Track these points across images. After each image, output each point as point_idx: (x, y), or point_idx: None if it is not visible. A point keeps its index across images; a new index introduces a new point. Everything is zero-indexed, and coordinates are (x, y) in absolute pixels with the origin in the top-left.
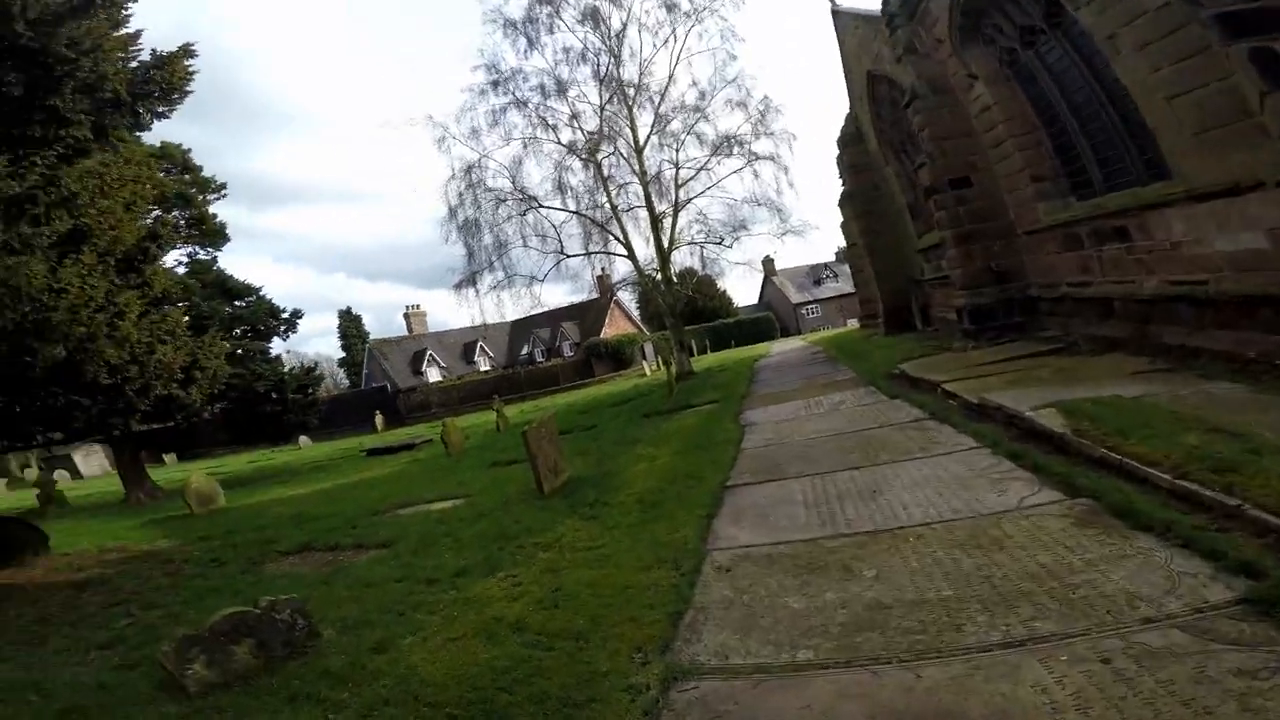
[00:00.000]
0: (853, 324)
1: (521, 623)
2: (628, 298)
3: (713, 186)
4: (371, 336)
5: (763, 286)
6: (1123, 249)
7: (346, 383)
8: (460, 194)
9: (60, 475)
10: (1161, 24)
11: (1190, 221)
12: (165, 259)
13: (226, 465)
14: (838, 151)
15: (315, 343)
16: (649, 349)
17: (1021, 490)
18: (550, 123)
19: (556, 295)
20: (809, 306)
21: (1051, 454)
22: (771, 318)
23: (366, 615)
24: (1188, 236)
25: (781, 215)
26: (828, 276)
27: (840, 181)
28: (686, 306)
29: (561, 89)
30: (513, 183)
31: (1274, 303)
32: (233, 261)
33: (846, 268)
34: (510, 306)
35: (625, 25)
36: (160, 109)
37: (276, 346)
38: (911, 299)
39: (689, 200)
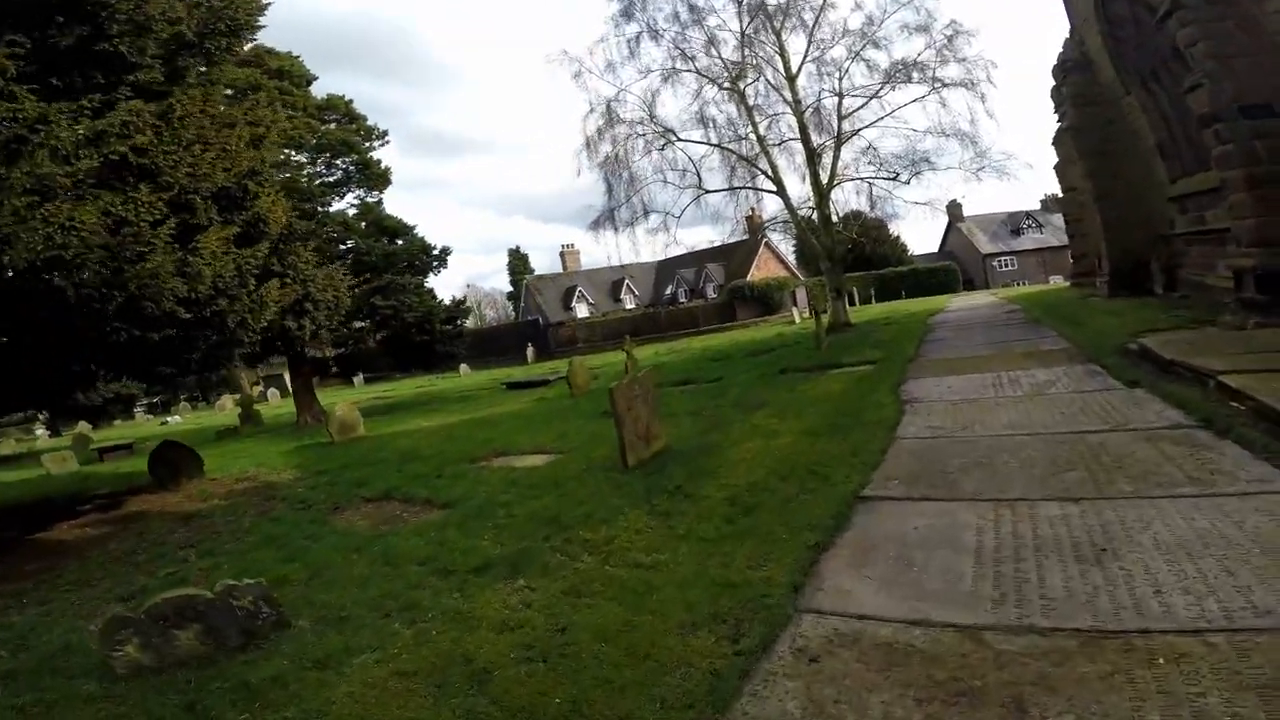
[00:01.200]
0: (1056, 281)
1: (483, 676)
2: (780, 239)
3: (885, 116)
4: (533, 274)
5: (946, 233)
6: None
7: (513, 316)
8: (599, 129)
9: (272, 394)
10: None
11: None
12: (335, 201)
13: (398, 389)
14: (1054, 83)
15: (495, 279)
16: (801, 294)
17: None
18: (689, 54)
19: (698, 236)
20: (1003, 258)
21: None
22: (954, 268)
23: (354, 609)
24: None
25: (977, 148)
26: (1029, 226)
27: (1057, 116)
28: (850, 251)
29: (698, 18)
30: (650, 116)
31: None
32: (419, 207)
33: (1056, 218)
34: (646, 246)
35: None
36: (230, 44)
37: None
38: (1152, 257)
39: (855, 132)
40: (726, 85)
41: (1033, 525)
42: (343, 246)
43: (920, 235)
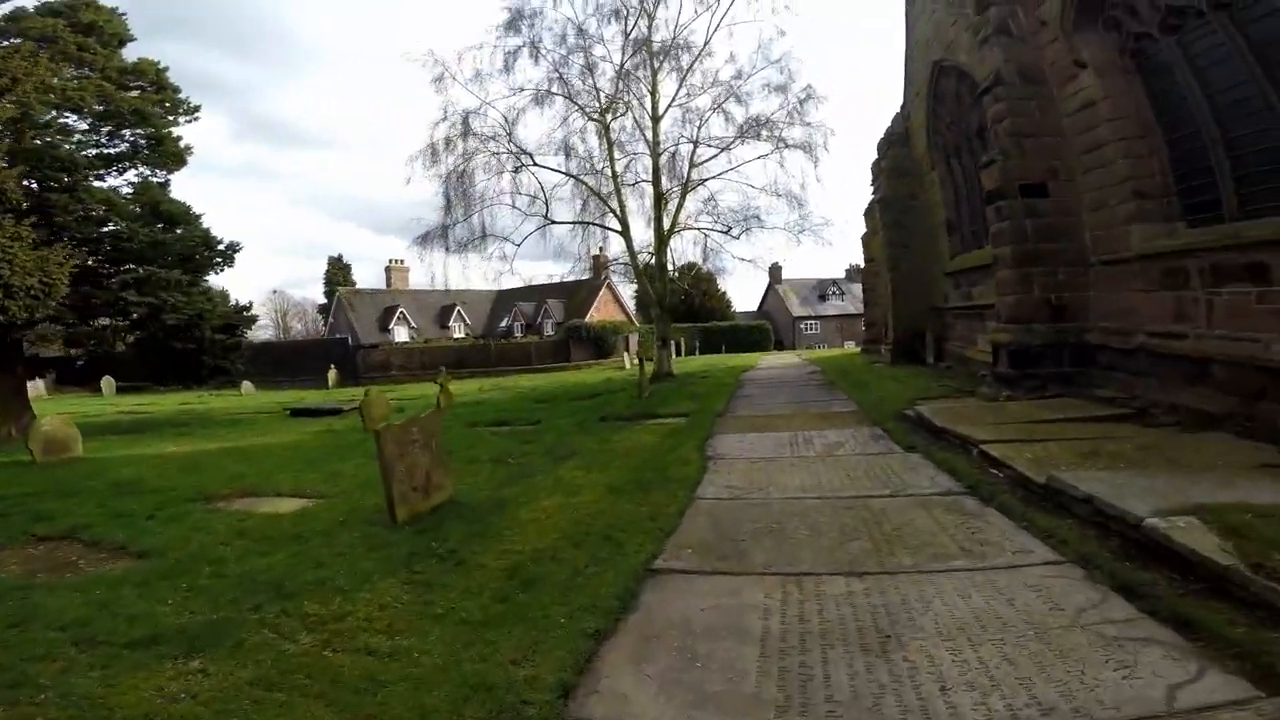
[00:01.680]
0: (850, 346)
1: None
2: (622, 283)
3: (731, 170)
4: (348, 287)
5: (765, 294)
6: (1253, 294)
7: (323, 331)
8: (448, 139)
9: None
10: None
11: None
12: (110, 177)
13: (159, 404)
14: (876, 156)
15: (312, 288)
16: (634, 340)
17: (1166, 669)
18: (566, 78)
19: (539, 269)
20: (809, 322)
21: (1203, 595)
22: (769, 328)
23: None
24: None
25: (802, 210)
26: (834, 293)
27: (873, 189)
28: (682, 302)
29: (585, 43)
30: (509, 135)
31: None
32: (238, 199)
33: (856, 287)
34: (478, 271)
35: None
36: None
37: (244, 286)
38: (926, 328)
39: (702, 181)
40: (595, 116)
41: (819, 605)
42: (104, 229)
43: (744, 293)
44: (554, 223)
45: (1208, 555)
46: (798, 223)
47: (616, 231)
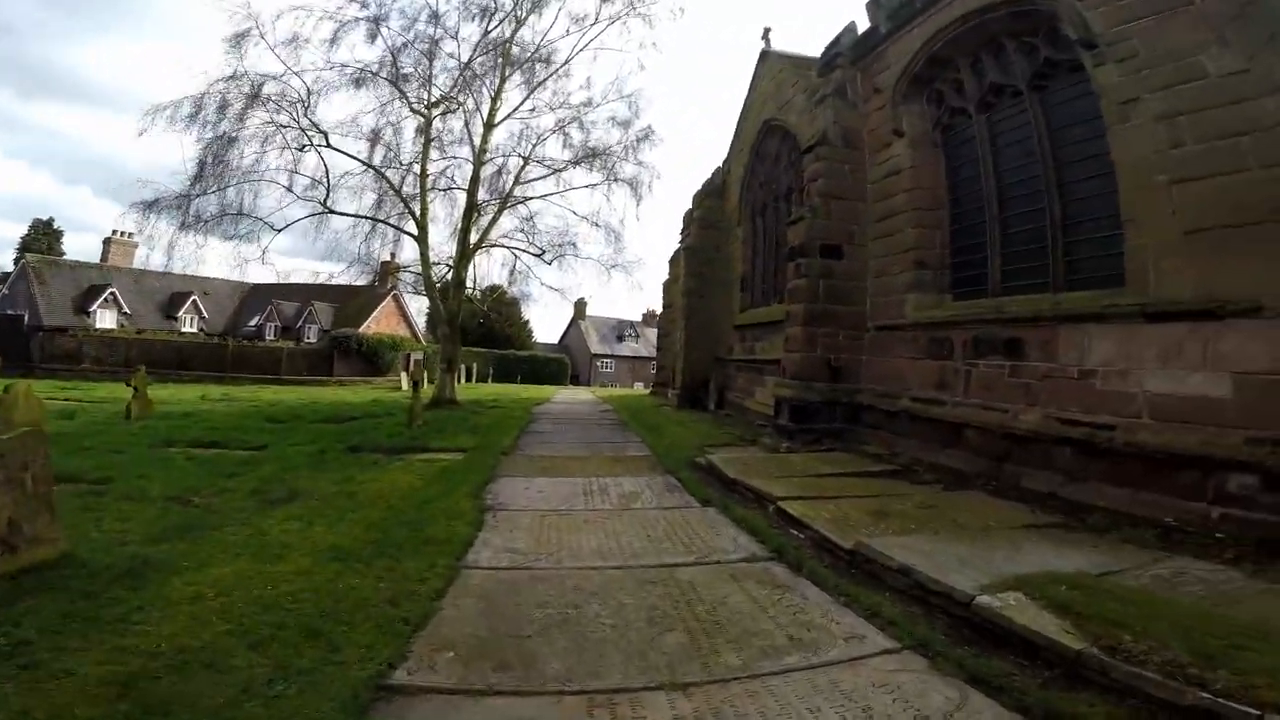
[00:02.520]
0: (639, 387)
1: None
2: (413, 295)
3: (558, 194)
4: (42, 255)
5: (568, 328)
6: (1006, 368)
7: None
8: (224, 99)
9: None
10: (1212, 94)
11: (1126, 346)
12: None
13: None
14: (691, 205)
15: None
16: (415, 359)
17: None
18: (400, 65)
19: (315, 268)
20: (606, 360)
21: (1063, 684)
22: (567, 362)
23: None
24: (1112, 366)
25: (619, 245)
26: (630, 335)
27: (681, 237)
28: (480, 325)
29: (436, 35)
30: (306, 108)
31: (1203, 464)
32: None
33: (650, 331)
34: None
35: None
36: None
37: None
38: (711, 377)
39: (524, 200)
40: (420, 108)
41: None
42: None
43: (547, 324)
44: (333, 212)
45: (1054, 638)
46: (613, 257)
47: (412, 236)
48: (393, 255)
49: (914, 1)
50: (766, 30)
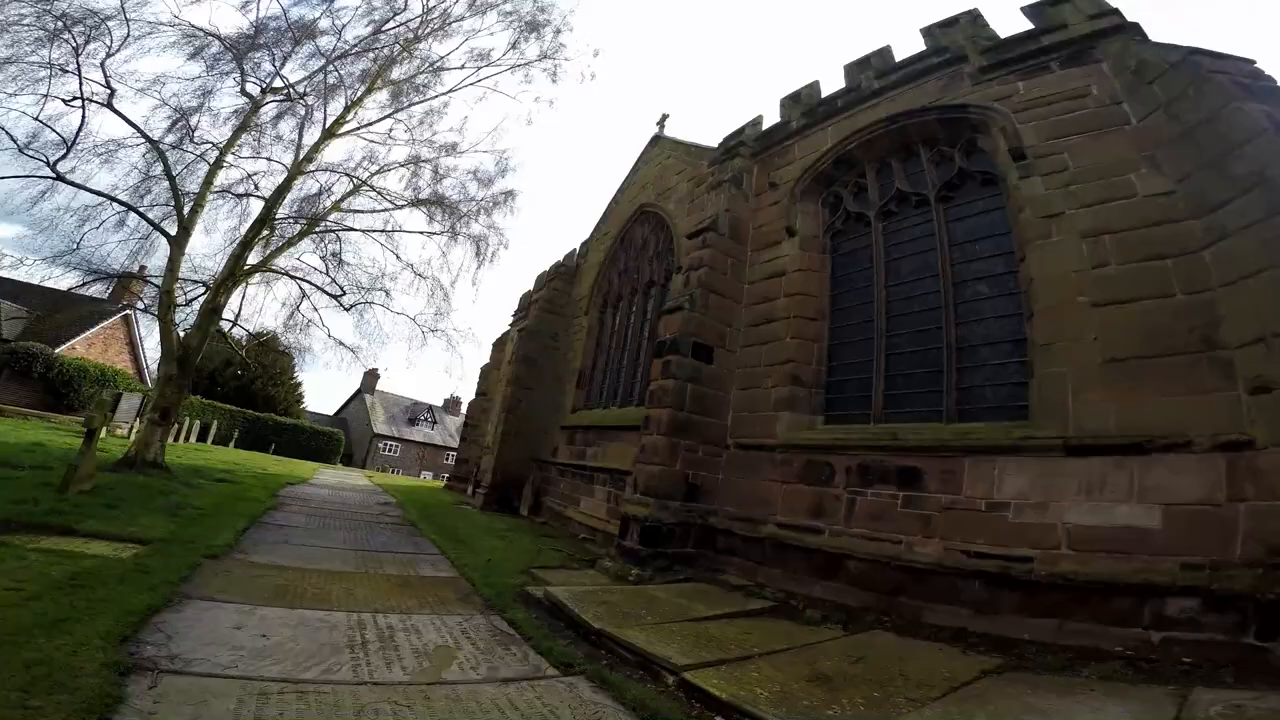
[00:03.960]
0: (427, 478)
1: None
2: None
3: (384, 232)
4: None
5: (350, 400)
6: (900, 498)
7: None
8: None
9: None
10: (1139, 214)
11: (1045, 479)
12: None
13: None
14: (533, 287)
15: None
16: (131, 404)
17: None
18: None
19: None
20: (391, 443)
21: None
22: (341, 438)
23: None
24: (1026, 499)
25: (445, 308)
26: (425, 420)
27: (514, 318)
28: (238, 377)
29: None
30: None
31: (1139, 592)
32: None
33: (449, 419)
34: None
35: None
36: None
37: None
38: (529, 478)
39: (340, 229)
40: (260, 84)
41: None
42: None
43: (325, 394)
44: (66, 181)
45: None
46: (433, 320)
47: (166, 235)
48: (142, 268)
49: (835, 100)
50: (664, 116)
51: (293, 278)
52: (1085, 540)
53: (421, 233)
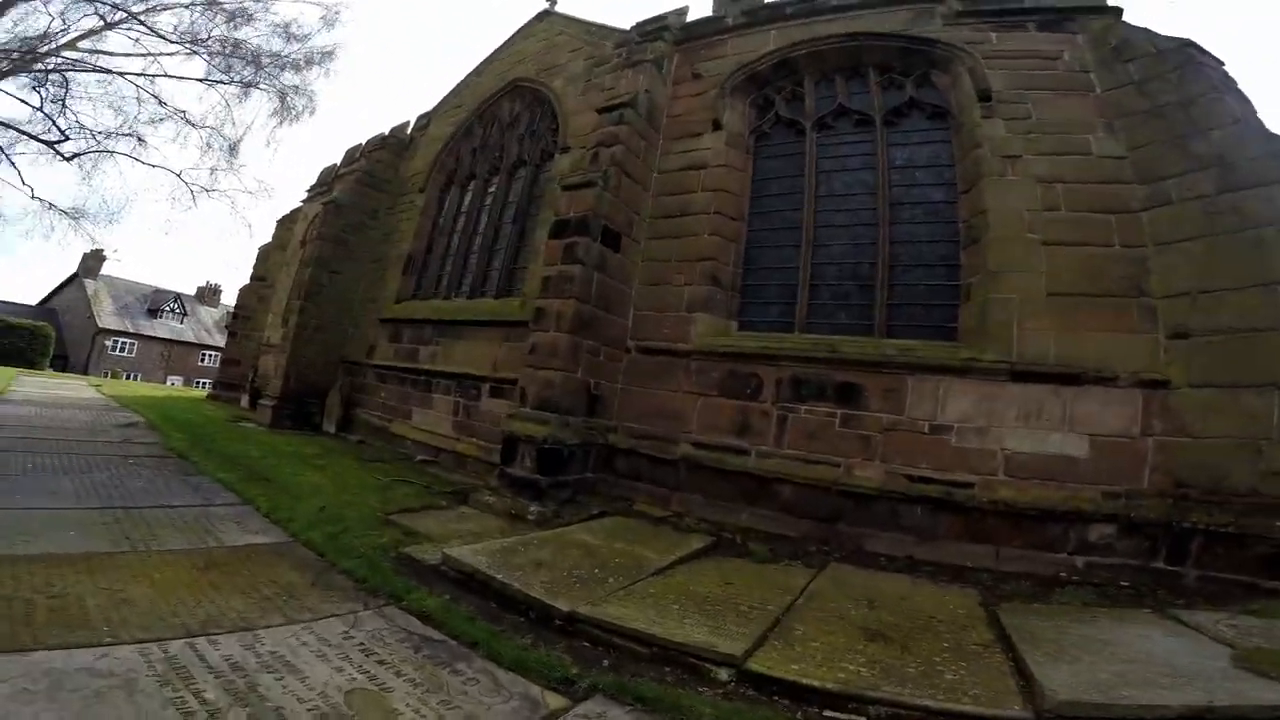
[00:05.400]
0: (175, 384)
1: None
2: None
3: (141, 76)
4: None
5: (63, 285)
6: (838, 416)
7: None
8: None
9: None
10: (1091, 171)
11: (988, 404)
12: None
13: None
14: (342, 161)
15: None
16: None
17: None
18: None
19: None
20: (123, 340)
21: None
22: (50, 334)
23: None
24: (969, 422)
25: (230, 163)
26: (171, 311)
27: (311, 193)
28: None
29: None
30: None
31: (1067, 518)
32: None
33: (204, 312)
34: None
35: None
36: None
37: None
38: (336, 385)
39: (70, 66)
40: None
41: None
42: None
43: (24, 279)
44: None
45: None
46: (210, 180)
47: None
48: None
49: (785, 6)
50: None
51: None
52: (1021, 467)
53: (202, 80)
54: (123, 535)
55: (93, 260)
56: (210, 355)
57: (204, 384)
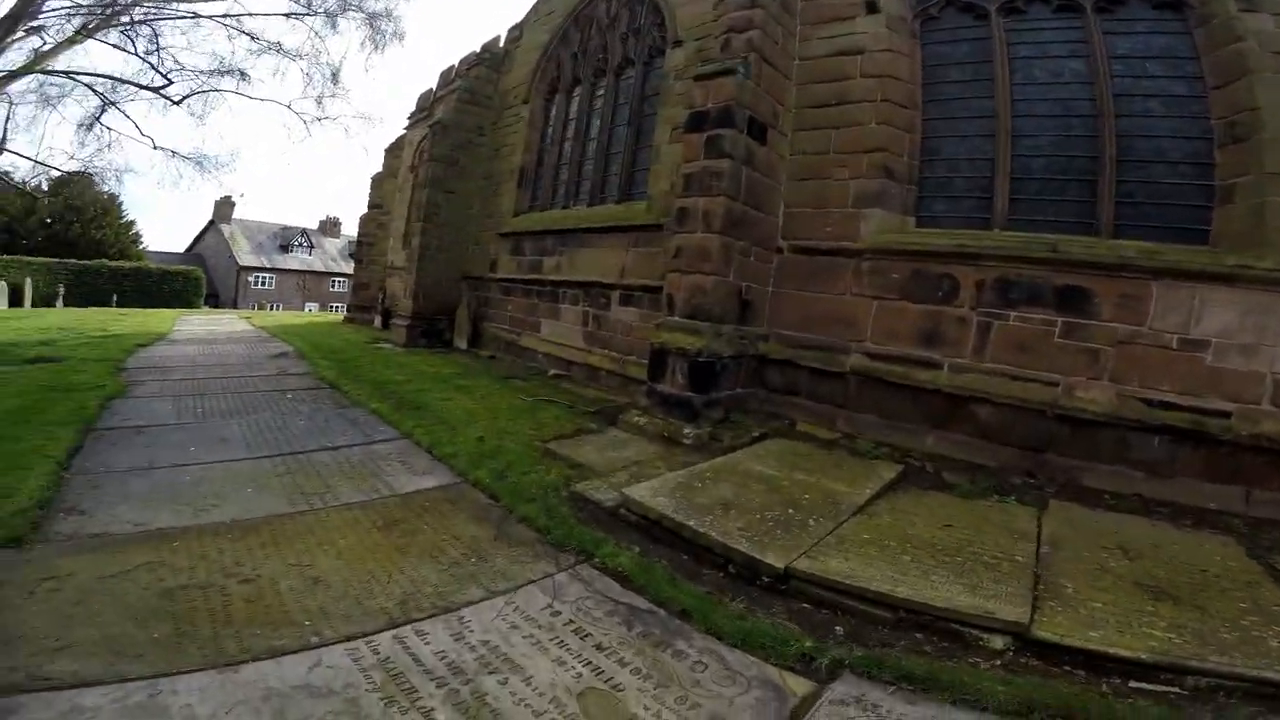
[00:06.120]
0: (313, 310)
1: None
2: None
3: (227, 17)
4: None
5: (202, 233)
6: (1058, 325)
7: None
8: None
9: None
10: None
11: (1258, 317)
12: None
13: None
14: (439, 84)
15: None
16: None
17: None
18: None
19: None
20: (263, 275)
21: None
22: (201, 276)
23: None
24: (1231, 339)
25: (333, 90)
26: (300, 245)
27: (413, 119)
28: (45, 225)
29: None
30: None
31: None
32: None
33: (329, 242)
34: None
35: None
36: None
37: None
38: (462, 302)
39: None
40: None
41: None
42: None
43: (166, 229)
44: None
45: None
46: (317, 109)
47: None
48: None
49: None
50: None
51: (72, 77)
52: None
53: (287, 14)
54: (298, 489)
55: (225, 207)
56: (339, 281)
57: (338, 308)
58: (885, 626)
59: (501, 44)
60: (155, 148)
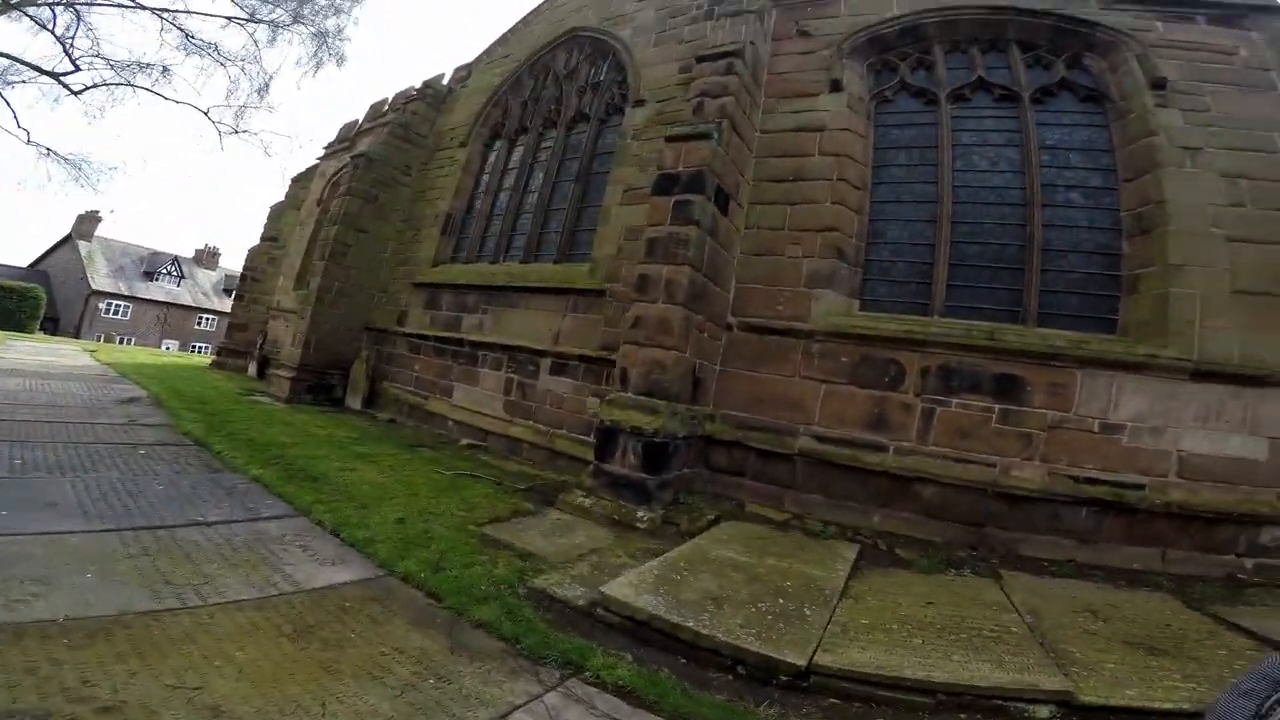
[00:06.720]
0: (171, 348)
1: None
2: None
3: (166, 11)
4: None
5: (55, 247)
6: (995, 412)
7: None
8: None
9: None
10: (1277, 169)
11: (1165, 402)
12: None
13: None
14: (365, 116)
15: None
16: None
17: None
18: None
19: None
20: (117, 304)
21: None
22: (41, 297)
23: None
24: (1143, 422)
25: (260, 100)
26: (168, 274)
27: (329, 149)
28: None
29: None
30: None
31: (1240, 521)
32: None
33: (201, 275)
34: None
35: None
36: None
37: None
38: (363, 359)
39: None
40: None
41: None
42: None
43: (9, 240)
44: None
45: None
46: (234, 120)
47: None
48: None
49: None
50: None
51: None
52: (1195, 469)
53: (229, 18)
54: (161, 577)
55: (88, 222)
56: (208, 319)
57: (202, 348)
58: (926, 712)
59: (445, 81)
60: (29, 142)
